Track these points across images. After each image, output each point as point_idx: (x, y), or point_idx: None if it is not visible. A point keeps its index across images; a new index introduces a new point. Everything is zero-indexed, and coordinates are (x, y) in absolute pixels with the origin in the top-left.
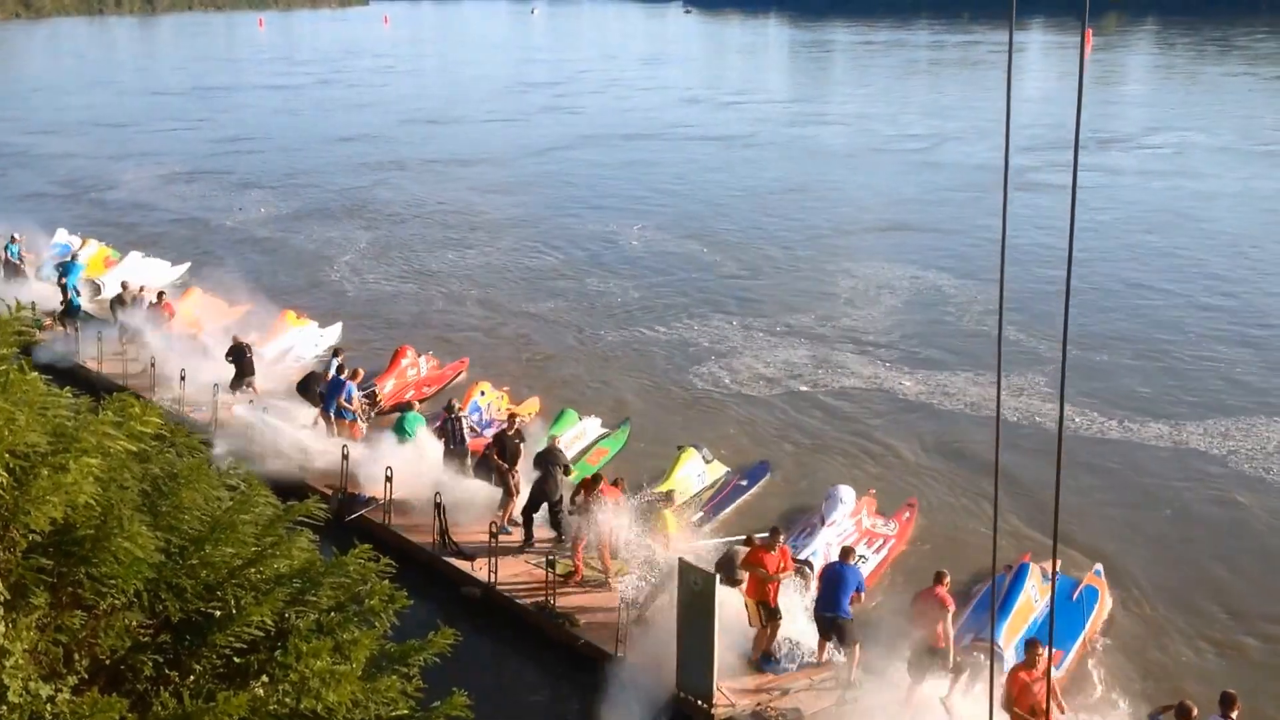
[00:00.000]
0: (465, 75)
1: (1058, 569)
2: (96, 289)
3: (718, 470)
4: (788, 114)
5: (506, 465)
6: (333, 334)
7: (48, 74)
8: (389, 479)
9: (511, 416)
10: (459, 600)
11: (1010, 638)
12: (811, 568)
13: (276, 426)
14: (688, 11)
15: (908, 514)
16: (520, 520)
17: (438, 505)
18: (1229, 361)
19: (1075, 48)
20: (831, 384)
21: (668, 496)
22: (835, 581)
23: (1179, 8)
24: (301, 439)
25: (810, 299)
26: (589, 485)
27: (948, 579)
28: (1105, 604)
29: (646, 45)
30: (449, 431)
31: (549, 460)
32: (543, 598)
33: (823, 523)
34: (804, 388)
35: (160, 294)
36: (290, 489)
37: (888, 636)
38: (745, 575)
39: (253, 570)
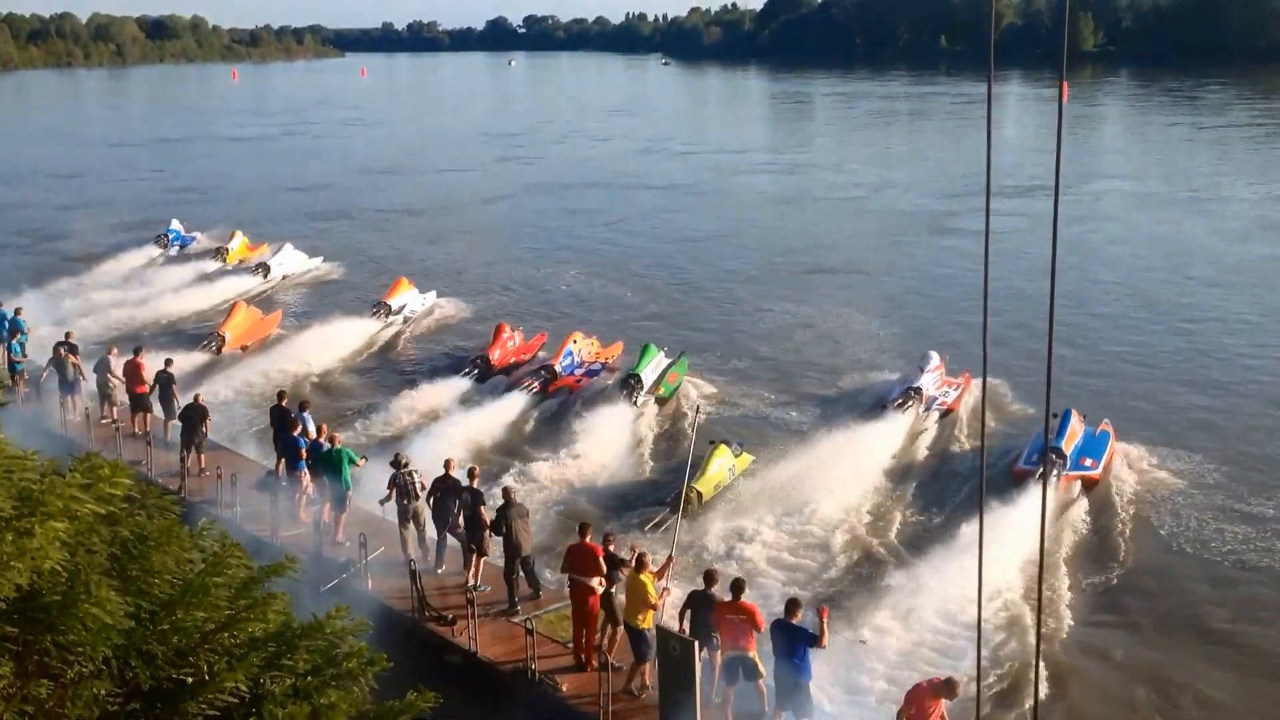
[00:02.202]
0: (431, 126)
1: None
2: (266, 269)
3: (745, 462)
4: (737, 163)
5: (485, 520)
6: (430, 298)
7: (7, 125)
8: (364, 544)
9: (471, 470)
10: (440, 667)
11: (1068, 448)
12: (920, 393)
13: None
14: (665, 64)
15: (966, 373)
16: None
17: (413, 571)
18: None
19: (1049, 100)
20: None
21: (638, 560)
22: (785, 638)
23: (1152, 60)
24: None
25: (720, 334)
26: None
27: (957, 690)
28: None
29: (617, 96)
30: (399, 486)
31: (511, 514)
32: (524, 663)
33: (922, 371)
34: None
35: (138, 349)
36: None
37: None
38: (718, 636)
39: (226, 634)
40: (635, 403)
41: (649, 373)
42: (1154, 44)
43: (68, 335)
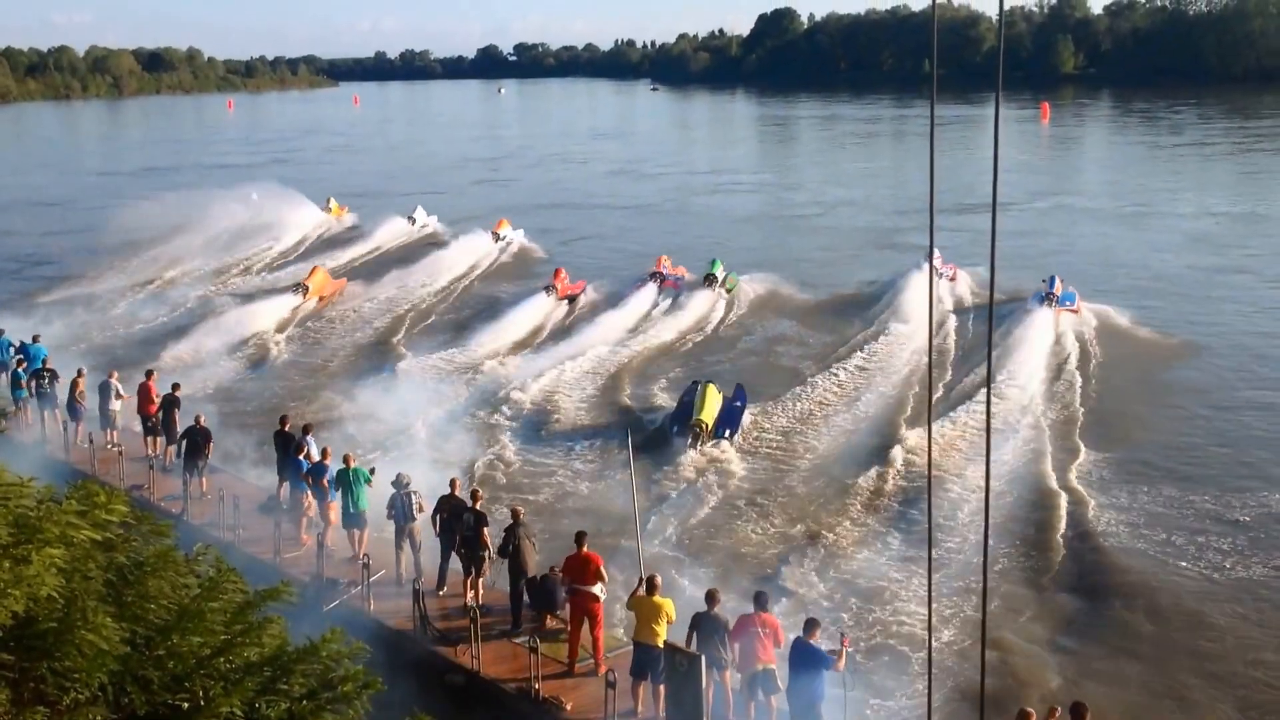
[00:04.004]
0: (413, 152)
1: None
2: (413, 220)
3: (721, 399)
4: (705, 184)
5: (487, 541)
6: (520, 234)
7: (2, 157)
8: (366, 565)
9: (475, 492)
10: (442, 688)
11: (1058, 292)
12: (936, 267)
13: None
14: (654, 89)
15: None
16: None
17: (416, 591)
18: None
19: (1026, 121)
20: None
21: (649, 583)
22: (803, 658)
23: (1131, 82)
24: None
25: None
26: (573, 561)
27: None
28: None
29: (603, 121)
30: (396, 506)
31: (518, 533)
32: (528, 683)
33: (929, 257)
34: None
35: (149, 371)
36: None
37: None
38: (736, 650)
39: (222, 660)
40: (714, 290)
41: (719, 274)
42: (1133, 67)
43: (44, 361)
